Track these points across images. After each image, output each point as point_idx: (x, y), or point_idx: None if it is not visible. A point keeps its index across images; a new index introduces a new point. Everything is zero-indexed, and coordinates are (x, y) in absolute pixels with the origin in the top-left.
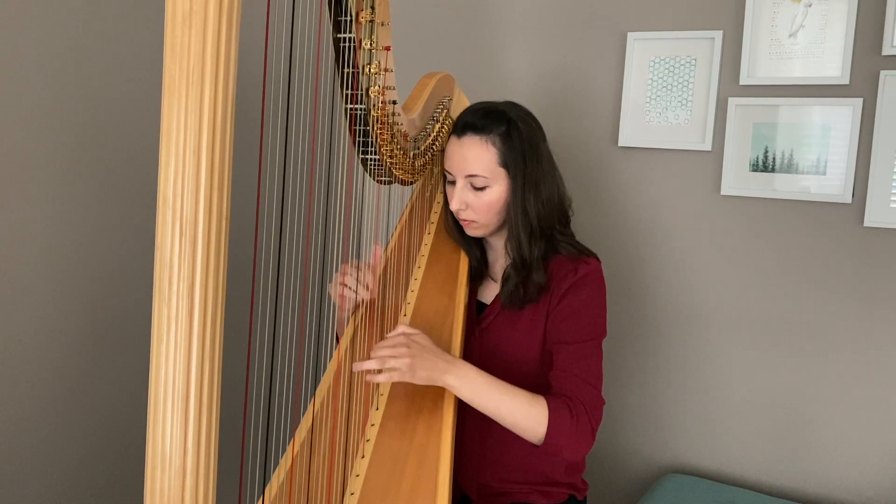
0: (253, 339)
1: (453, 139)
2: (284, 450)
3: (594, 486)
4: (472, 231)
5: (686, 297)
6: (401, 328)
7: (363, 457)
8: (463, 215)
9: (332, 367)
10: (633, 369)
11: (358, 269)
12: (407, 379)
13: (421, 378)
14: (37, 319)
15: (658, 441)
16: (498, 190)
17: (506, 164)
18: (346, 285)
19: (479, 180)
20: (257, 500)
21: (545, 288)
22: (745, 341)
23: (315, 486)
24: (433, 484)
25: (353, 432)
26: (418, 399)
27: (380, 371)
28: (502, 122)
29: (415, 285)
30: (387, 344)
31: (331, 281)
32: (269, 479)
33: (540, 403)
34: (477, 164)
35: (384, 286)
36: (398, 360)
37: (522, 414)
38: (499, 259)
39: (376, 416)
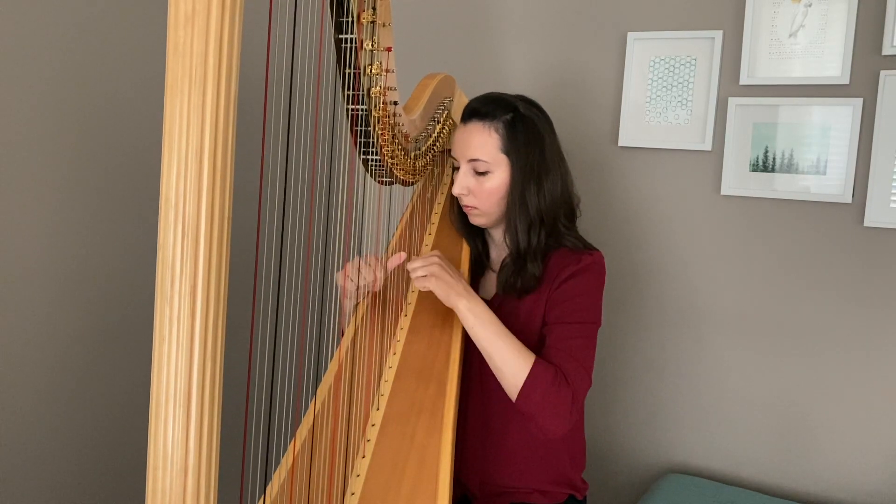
0: (254, 340)
1: (459, 125)
2: (285, 450)
3: (594, 486)
4: (474, 219)
5: (686, 297)
6: (436, 252)
7: (364, 457)
8: (465, 201)
9: (332, 367)
10: (633, 369)
11: (367, 263)
12: (430, 285)
13: (440, 290)
14: (39, 319)
15: (658, 441)
16: (499, 176)
17: (508, 151)
18: (351, 279)
19: (480, 165)
20: (258, 500)
21: (543, 279)
22: (744, 341)
23: (316, 485)
24: (434, 484)
25: (354, 432)
26: (419, 399)
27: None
28: (508, 110)
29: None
30: (421, 258)
31: (338, 270)
32: (271, 478)
33: (529, 357)
34: (479, 148)
35: (385, 286)
36: (428, 268)
37: (509, 358)
38: (501, 252)
39: (377, 417)
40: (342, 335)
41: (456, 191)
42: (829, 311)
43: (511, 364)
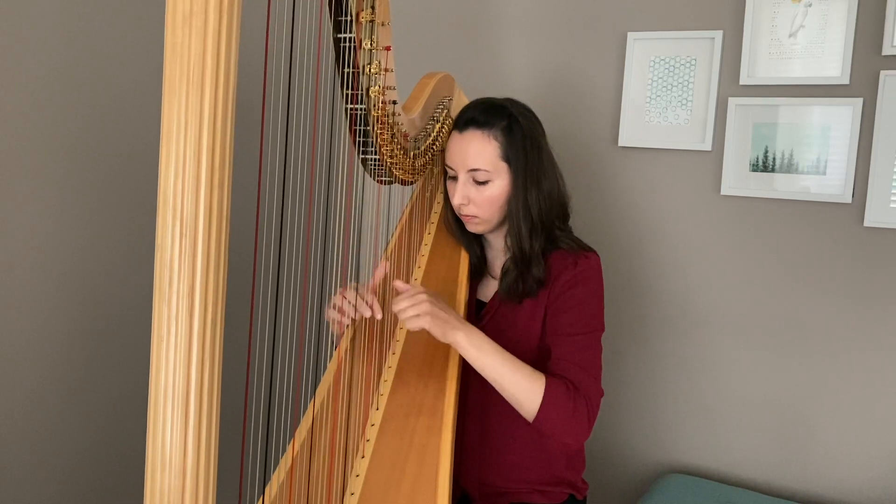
0: (253, 340)
1: (455, 134)
2: (284, 450)
3: (594, 486)
4: (473, 227)
5: (686, 297)
6: (420, 287)
7: (363, 457)
8: (465, 210)
9: (332, 367)
10: (633, 369)
11: (356, 291)
12: (424, 324)
13: (435, 328)
14: (37, 319)
15: (658, 441)
16: (500, 184)
17: (507, 158)
18: (342, 312)
19: (481, 174)
20: (257, 501)
21: (544, 282)
22: (744, 341)
23: (315, 486)
24: (433, 483)
25: (353, 432)
26: (418, 398)
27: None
28: (503, 116)
29: (415, 285)
30: (407, 295)
31: (333, 293)
32: (269, 479)
33: (539, 378)
34: (479, 158)
35: (384, 286)
36: (418, 306)
37: (520, 384)
38: (498, 256)
39: (376, 417)
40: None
41: (456, 202)
42: (828, 310)
43: (523, 389)
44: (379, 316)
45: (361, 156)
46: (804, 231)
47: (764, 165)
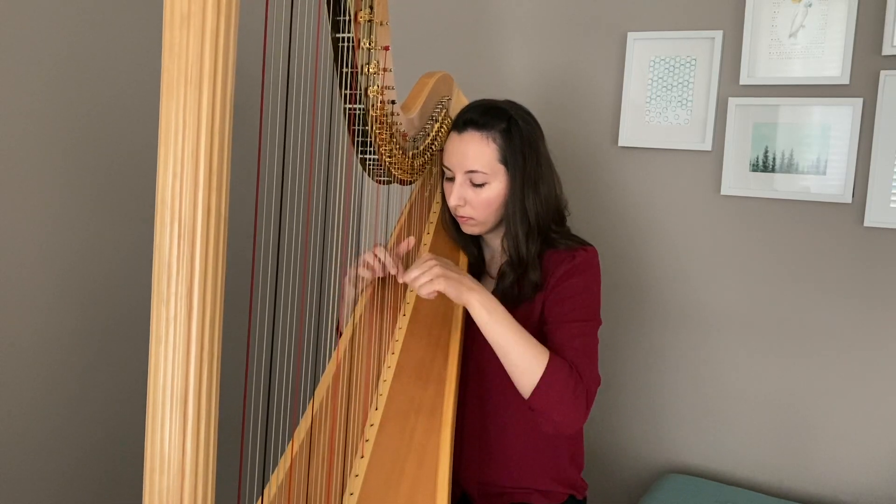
0: (251, 340)
1: (453, 135)
2: (283, 450)
3: (594, 486)
4: (468, 228)
5: (686, 297)
6: (429, 254)
7: (362, 457)
8: (461, 212)
9: (331, 367)
10: (633, 369)
11: (375, 255)
12: (439, 287)
13: (450, 289)
14: (36, 320)
15: (658, 441)
16: (497, 187)
17: (505, 160)
18: (372, 268)
19: (478, 176)
20: (256, 501)
21: (541, 286)
22: (744, 341)
23: (314, 486)
24: (433, 483)
25: (353, 432)
26: (417, 399)
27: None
28: (503, 118)
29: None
30: (417, 265)
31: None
32: (268, 479)
33: (544, 352)
34: (477, 160)
35: (384, 286)
36: (430, 272)
37: (525, 354)
38: (495, 257)
39: (375, 417)
40: (338, 331)
41: (453, 203)
42: (828, 311)
43: (527, 359)
44: (401, 278)
45: (360, 155)
46: (804, 231)
47: (764, 165)
